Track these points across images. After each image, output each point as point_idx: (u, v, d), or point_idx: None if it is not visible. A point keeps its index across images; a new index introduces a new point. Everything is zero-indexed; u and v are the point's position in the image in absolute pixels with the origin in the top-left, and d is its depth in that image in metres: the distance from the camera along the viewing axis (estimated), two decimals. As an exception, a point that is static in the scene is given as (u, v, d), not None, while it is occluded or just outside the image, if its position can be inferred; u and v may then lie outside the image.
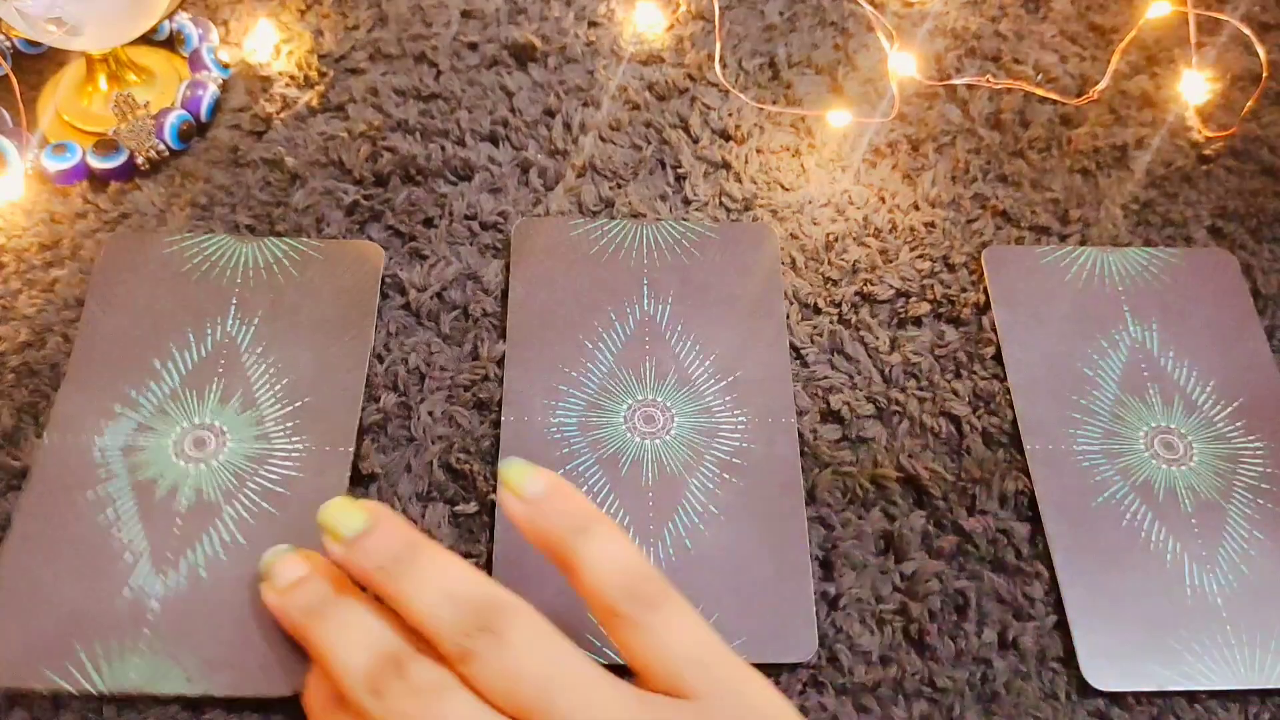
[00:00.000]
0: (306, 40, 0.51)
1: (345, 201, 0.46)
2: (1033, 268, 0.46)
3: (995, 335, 0.44)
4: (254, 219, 0.45)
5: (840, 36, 0.53)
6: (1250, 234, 0.47)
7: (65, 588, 0.36)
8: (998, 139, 0.50)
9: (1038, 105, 0.51)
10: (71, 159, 0.45)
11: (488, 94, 0.50)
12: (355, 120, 0.48)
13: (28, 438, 0.39)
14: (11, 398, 0.40)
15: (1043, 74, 0.52)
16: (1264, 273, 0.46)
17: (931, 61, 0.52)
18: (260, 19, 0.51)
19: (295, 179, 0.46)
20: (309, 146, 0.47)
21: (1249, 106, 0.51)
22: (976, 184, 0.48)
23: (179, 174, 0.47)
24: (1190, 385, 0.43)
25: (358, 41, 0.51)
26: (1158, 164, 0.49)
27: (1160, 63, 0.53)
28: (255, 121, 0.48)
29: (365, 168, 0.47)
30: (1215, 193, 0.49)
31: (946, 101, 0.51)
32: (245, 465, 0.38)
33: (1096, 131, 0.50)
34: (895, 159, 0.49)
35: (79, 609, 0.35)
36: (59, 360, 0.41)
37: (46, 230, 0.45)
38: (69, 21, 0.42)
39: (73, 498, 0.37)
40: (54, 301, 0.43)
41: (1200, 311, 0.45)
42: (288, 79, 0.50)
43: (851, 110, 0.50)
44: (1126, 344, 0.44)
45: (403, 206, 0.46)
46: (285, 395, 0.40)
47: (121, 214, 0.45)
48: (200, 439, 0.39)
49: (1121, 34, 0.53)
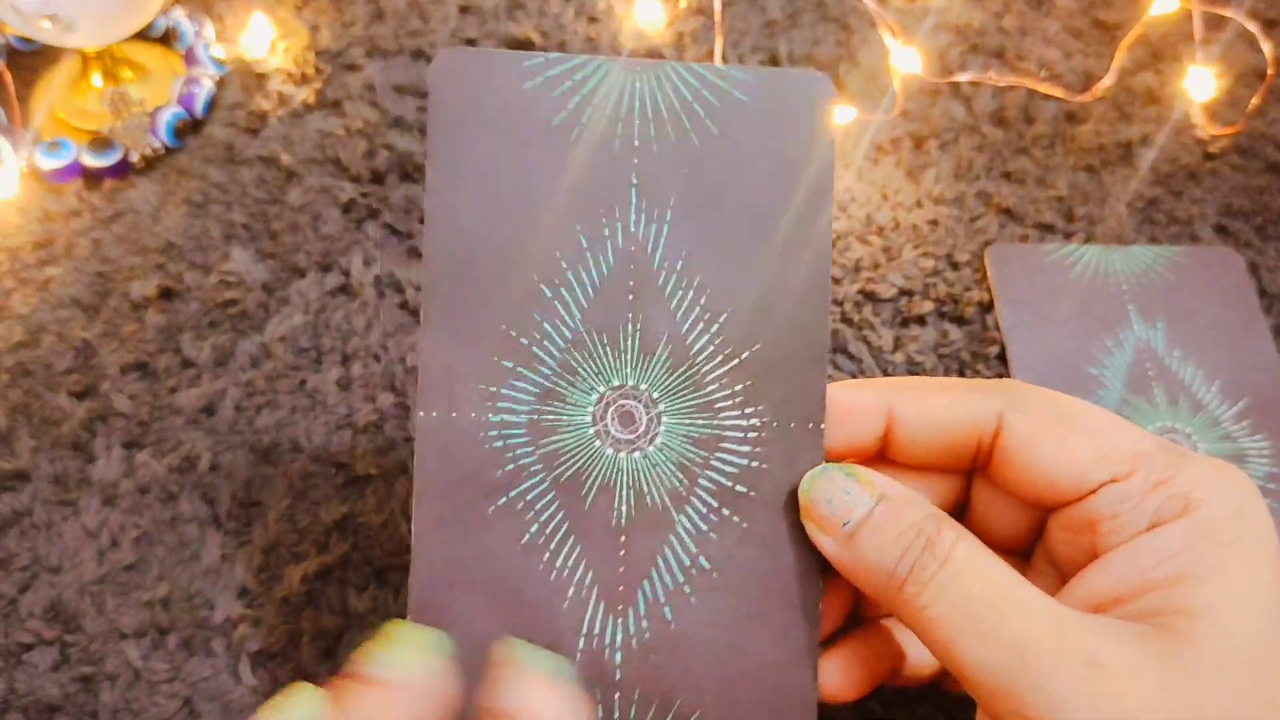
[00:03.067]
0: (303, 36, 0.51)
1: (342, 199, 0.45)
2: (1037, 266, 0.45)
3: (999, 334, 0.43)
4: (249, 217, 0.45)
5: (842, 32, 0.53)
6: (1256, 232, 0.47)
7: (492, 633, 0.27)
8: (1001, 136, 0.49)
9: (1042, 102, 0.51)
10: (66, 156, 0.45)
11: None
12: (352, 117, 0.48)
13: (21, 438, 0.39)
14: (6, 398, 0.40)
15: (1047, 70, 0.52)
16: (1270, 271, 0.46)
17: (935, 58, 0.52)
18: (256, 14, 0.51)
19: (291, 176, 0.46)
20: (305, 143, 0.47)
21: (1254, 103, 0.51)
22: (980, 181, 0.48)
23: (174, 171, 0.46)
24: (1196, 384, 0.42)
25: (355, 37, 0.51)
26: (1163, 161, 0.49)
27: (1165, 59, 0.52)
28: (251, 118, 0.48)
29: (362, 165, 0.46)
30: (1221, 190, 0.48)
31: (950, 98, 0.50)
32: (692, 453, 0.28)
33: (1101, 129, 0.50)
34: (898, 156, 0.48)
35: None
36: (53, 360, 0.41)
37: (40, 228, 0.44)
38: (63, 18, 0.41)
39: (476, 507, 0.27)
40: (48, 300, 0.42)
41: (1206, 310, 0.44)
42: (284, 75, 0.49)
43: (854, 107, 0.49)
44: (1132, 343, 0.43)
45: (400, 204, 0.45)
46: (723, 339, 0.28)
47: (116, 212, 0.45)
48: (627, 413, 0.28)
49: (1126, 30, 0.52)
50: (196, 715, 0.35)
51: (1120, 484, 0.26)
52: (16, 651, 0.36)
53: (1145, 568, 0.25)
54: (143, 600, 0.37)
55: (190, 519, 0.38)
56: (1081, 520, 0.27)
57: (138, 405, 0.40)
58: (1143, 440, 0.27)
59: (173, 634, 0.36)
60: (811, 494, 0.27)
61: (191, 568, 0.37)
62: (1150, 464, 0.26)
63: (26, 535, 0.38)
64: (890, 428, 0.29)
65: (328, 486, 0.39)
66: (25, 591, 0.37)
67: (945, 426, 0.28)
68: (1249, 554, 0.25)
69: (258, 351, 0.42)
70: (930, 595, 0.24)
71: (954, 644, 0.24)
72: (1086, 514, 0.27)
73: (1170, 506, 0.25)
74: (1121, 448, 0.26)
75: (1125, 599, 0.25)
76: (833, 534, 0.26)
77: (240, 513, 0.38)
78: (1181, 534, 0.25)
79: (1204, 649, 0.23)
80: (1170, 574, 0.24)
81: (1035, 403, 0.28)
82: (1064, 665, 0.23)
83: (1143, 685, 0.23)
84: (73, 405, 0.40)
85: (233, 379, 0.41)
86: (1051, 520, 0.28)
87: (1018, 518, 0.29)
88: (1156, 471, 0.26)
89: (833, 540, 0.26)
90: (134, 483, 0.39)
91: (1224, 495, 0.25)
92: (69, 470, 0.39)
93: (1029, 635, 0.23)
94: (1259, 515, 0.25)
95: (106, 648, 0.36)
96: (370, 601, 0.37)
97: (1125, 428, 0.27)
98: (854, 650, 0.29)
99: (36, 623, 0.36)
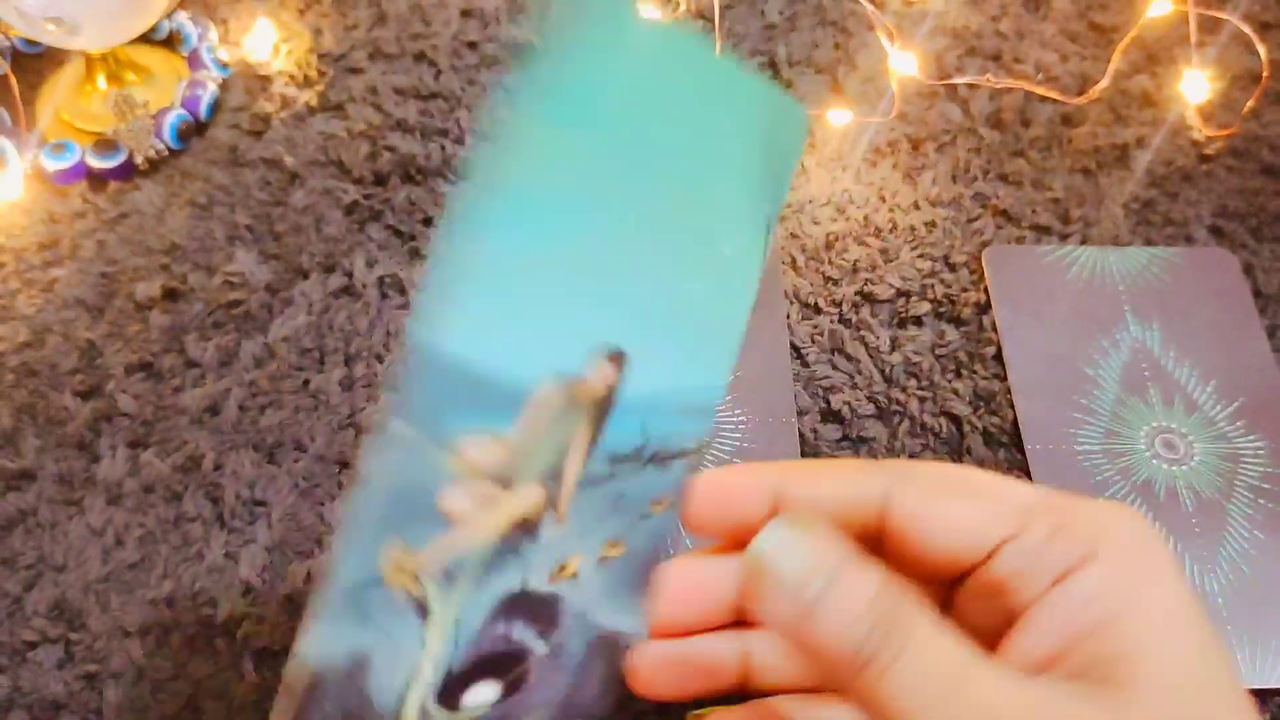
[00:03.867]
0: (306, 39, 0.51)
1: (345, 201, 0.46)
2: (1033, 267, 0.46)
3: (996, 335, 0.44)
4: (253, 219, 0.45)
5: (840, 36, 0.53)
6: (1251, 233, 0.47)
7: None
8: (998, 138, 0.50)
9: (1038, 104, 0.51)
10: (71, 158, 0.45)
11: (488, 93, 0.50)
12: (355, 119, 0.48)
13: (26, 438, 0.39)
14: (11, 398, 0.40)
15: (1043, 73, 0.52)
16: (1265, 272, 0.46)
17: (932, 61, 0.52)
18: (259, 18, 0.51)
19: (294, 178, 0.46)
20: (308, 146, 0.47)
21: (1250, 106, 0.51)
22: (977, 183, 0.48)
23: (178, 173, 0.46)
24: (1191, 385, 0.43)
25: (357, 40, 0.51)
26: (1158, 163, 0.49)
27: (1161, 62, 0.53)
28: (254, 121, 0.48)
29: (365, 167, 0.47)
30: (1216, 192, 0.49)
31: (947, 101, 0.51)
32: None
33: (1097, 131, 0.50)
34: (896, 158, 0.49)
35: None
36: (58, 360, 0.41)
37: (45, 230, 0.44)
38: (68, 20, 0.42)
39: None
40: (53, 301, 0.42)
41: (1201, 311, 0.45)
42: (287, 78, 0.50)
43: (852, 109, 0.50)
44: (1127, 344, 0.44)
45: (402, 206, 0.46)
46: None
47: (121, 214, 0.45)
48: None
49: (1122, 33, 0.53)
50: (200, 713, 0.35)
51: (1018, 540, 0.26)
52: (21, 649, 0.36)
53: (1068, 619, 0.24)
54: (147, 598, 0.37)
55: (194, 518, 0.38)
56: (989, 584, 0.26)
57: (142, 405, 0.41)
58: (1028, 494, 0.26)
59: (176, 632, 0.36)
60: (766, 557, 0.25)
61: (195, 566, 0.38)
62: (1041, 514, 0.26)
63: (31, 534, 0.38)
64: (776, 512, 0.28)
65: (331, 486, 0.39)
66: (30, 590, 0.37)
67: (833, 509, 0.27)
68: (1164, 585, 0.25)
69: (261, 352, 0.42)
70: (893, 676, 0.23)
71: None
72: (992, 576, 0.26)
73: (1073, 552, 0.25)
74: (1008, 504, 0.26)
75: (1060, 657, 0.24)
76: (786, 604, 0.24)
77: (244, 512, 0.39)
78: (1095, 579, 0.25)
79: (1150, 690, 0.23)
80: (1096, 620, 0.24)
81: (919, 476, 0.27)
82: None
83: None
84: (78, 405, 0.40)
85: (236, 379, 0.41)
86: (959, 592, 0.28)
87: (922, 594, 0.28)
88: (1050, 520, 0.25)
89: (786, 611, 0.24)
90: (138, 482, 0.39)
91: (1123, 533, 0.25)
92: (74, 469, 0.39)
93: (995, 711, 0.23)
94: (1159, 546, 0.25)
95: (111, 646, 0.36)
96: (372, 599, 0.37)
97: (1009, 484, 0.27)
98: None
99: (41, 621, 0.36)
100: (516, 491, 0.26)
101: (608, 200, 0.26)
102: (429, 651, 0.25)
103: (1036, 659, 0.25)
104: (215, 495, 0.39)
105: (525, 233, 0.25)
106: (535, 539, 0.26)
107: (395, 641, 0.25)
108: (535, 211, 0.25)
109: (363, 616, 0.24)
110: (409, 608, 0.25)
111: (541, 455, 0.26)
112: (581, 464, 0.26)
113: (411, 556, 0.24)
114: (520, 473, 0.25)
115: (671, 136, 0.27)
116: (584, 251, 0.26)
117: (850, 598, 0.24)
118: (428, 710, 0.25)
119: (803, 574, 0.24)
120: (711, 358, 0.27)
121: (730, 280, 0.27)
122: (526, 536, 0.26)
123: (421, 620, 0.25)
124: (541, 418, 0.25)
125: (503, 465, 0.25)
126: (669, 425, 0.27)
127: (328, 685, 0.24)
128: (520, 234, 0.25)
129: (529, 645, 0.26)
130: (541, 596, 0.26)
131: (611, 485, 0.26)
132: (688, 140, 0.27)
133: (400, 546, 0.24)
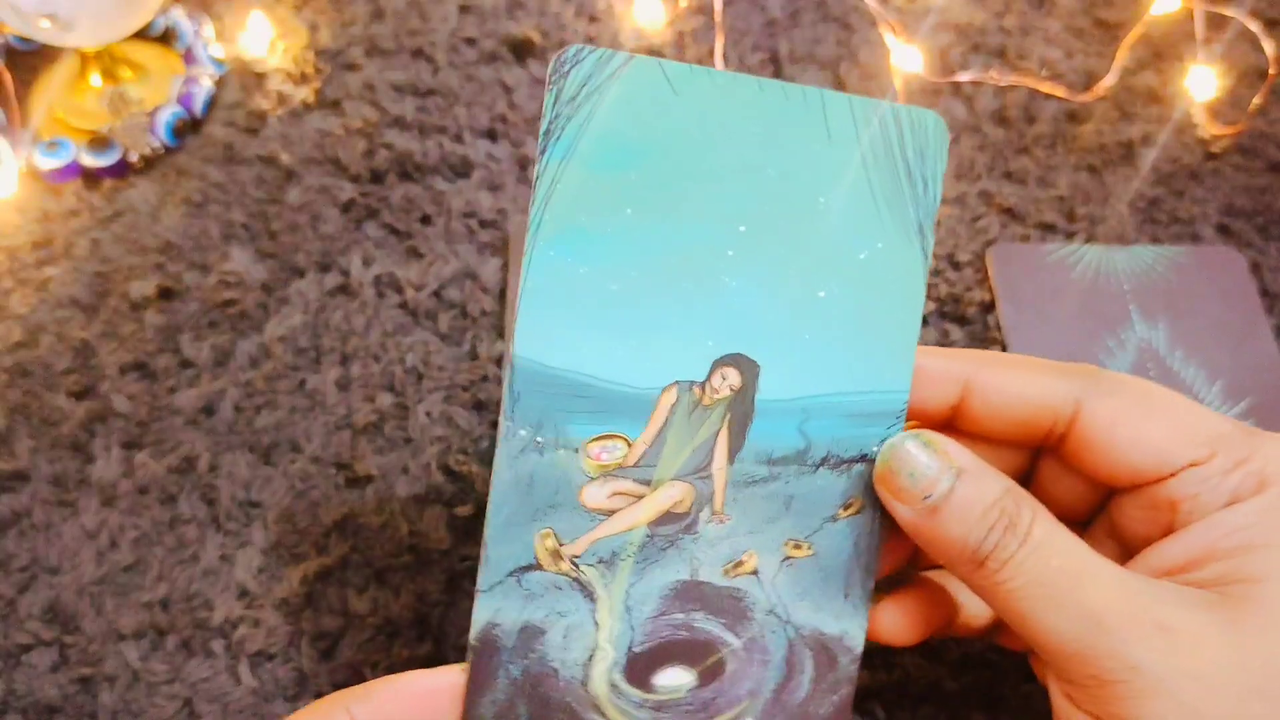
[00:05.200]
0: (302, 35, 0.51)
1: (341, 199, 0.45)
2: (1038, 265, 0.45)
3: (1001, 334, 0.43)
4: (249, 217, 0.45)
5: (843, 31, 0.52)
6: (1258, 231, 0.47)
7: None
8: (1003, 135, 0.49)
9: (1043, 101, 0.50)
10: (65, 156, 0.45)
11: (486, 90, 0.49)
12: (351, 116, 0.48)
13: (20, 439, 0.39)
14: (4, 398, 0.40)
15: (1048, 70, 0.52)
16: (1272, 271, 0.46)
17: (936, 57, 0.52)
18: (255, 13, 0.51)
19: (290, 176, 0.46)
20: (304, 143, 0.47)
21: (1256, 103, 0.51)
22: (982, 181, 0.48)
23: (173, 171, 0.46)
24: (1198, 384, 0.42)
25: (354, 37, 0.51)
26: (1164, 161, 0.49)
27: (1166, 59, 0.52)
28: (250, 118, 0.48)
29: (361, 164, 0.46)
30: (1223, 190, 0.48)
31: (951, 97, 0.50)
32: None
33: (1103, 128, 0.50)
34: (899, 155, 0.48)
35: None
36: (52, 360, 0.40)
37: (39, 228, 0.44)
38: (62, 17, 0.41)
39: None
40: (47, 300, 0.42)
41: (1208, 310, 0.44)
42: (283, 75, 0.49)
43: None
44: (1133, 343, 0.43)
45: (400, 204, 0.45)
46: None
47: (115, 212, 0.45)
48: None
49: (1127, 29, 0.52)
50: (196, 716, 0.35)
51: (1201, 467, 0.27)
52: (15, 652, 0.36)
53: (1215, 539, 0.26)
54: (142, 601, 0.36)
55: (189, 520, 0.38)
56: (1161, 500, 0.28)
57: (137, 405, 0.40)
58: (1221, 423, 0.28)
59: (172, 635, 0.36)
60: (891, 464, 0.27)
61: (191, 568, 0.37)
62: (1229, 445, 0.27)
63: (25, 536, 0.38)
64: (965, 399, 0.29)
65: (327, 487, 0.39)
66: (24, 592, 0.37)
67: (1022, 404, 0.29)
68: None
69: (257, 352, 0.42)
70: (1010, 571, 0.25)
71: (1032, 615, 0.25)
72: (1167, 494, 0.27)
73: (1247, 484, 0.27)
74: (1201, 431, 0.27)
75: (1192, 566, 0.26)
76: (912, 505, 0.27)
77: (239, 513, 0.38)
78: (1254, 508, 0.26)
79: (1268, 612, 0.25)
80: (1239, 544, 0.26)
81: (1115, 390, 0.28)
82: (1137, 631, 0.24)
83: (1210, 647, 0.24)
84: (72, 405, 0.40)
85: (232, 379, 0.41)
86: (1125, 498, 0.29)
87: (1083, 494, 0.30)
88: (1235, 452, 0.27)
89: (912, 511, 0.27)
90: (133, 483, 0.39)
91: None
92: (68, 471, 0.39)
93: (1104, 605, 0.25)
94: None
95: (105, 649, 0.36)
96: (370, 602, 0.37)
97: (1203, 412, 0.28)
98: (911, 600, 0.30)
99: (35, 624, 0.36)
100: (657, 488, 0.28)
101: (705, 225, 0.27)
102: (603, 630, 0.27)
103: (1169, 564, 0.27)
104: (210, 497, 0.39)
105: (629, 256, 0.27)
106: (695, 534, 0.28)
107: (566, 618, 0.27)
108: (638, 238, 0.27)
109: (527, 594, 0.27)
110: (574, 590, 0.27)
111: (678, 456, 0.28)
112: (726, 465, 0.28)
113: (561, 545, 0.27)
114: (659, 473, 0.28)
115: (762, 165, 0.28)
116: (690, 272, 0.27)
117: (975, 498, 0.26)
118: (617, 685, 0.28)
119: (933, 471, 0.26)
120: (879, 362, 0.28)
121: (879, 284, 0.28)
122: (681, 530, 0.28)
123: (591, 602, 0.27)
124: (668, 422, 0.27)
125: (637, 466, 0.27)
126: (838, 430, 0.28)
127: (502, 650, 0.27)
128: (625, 257, 0.27)
129: (718, 636, 0.28)
130: (717, 589, 0.28)
131: (775, 486, 0.28)
132: (783, 164, 0.28)
133: (551, 535, 0.27)
